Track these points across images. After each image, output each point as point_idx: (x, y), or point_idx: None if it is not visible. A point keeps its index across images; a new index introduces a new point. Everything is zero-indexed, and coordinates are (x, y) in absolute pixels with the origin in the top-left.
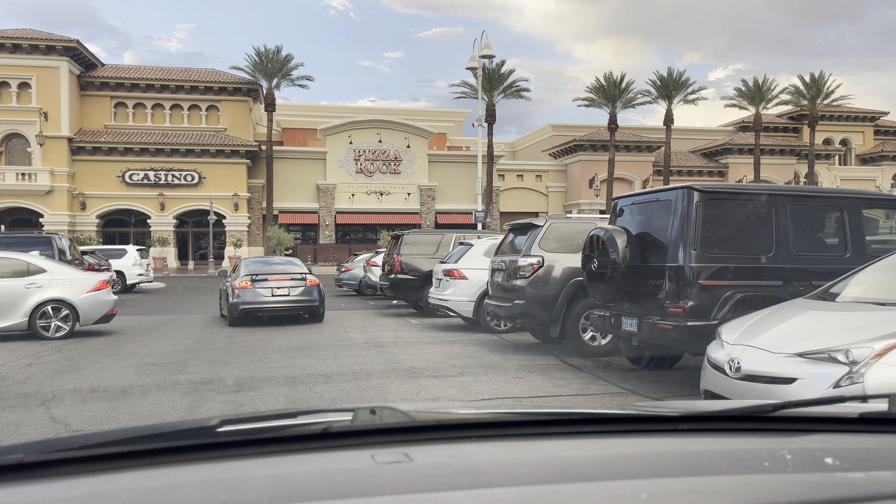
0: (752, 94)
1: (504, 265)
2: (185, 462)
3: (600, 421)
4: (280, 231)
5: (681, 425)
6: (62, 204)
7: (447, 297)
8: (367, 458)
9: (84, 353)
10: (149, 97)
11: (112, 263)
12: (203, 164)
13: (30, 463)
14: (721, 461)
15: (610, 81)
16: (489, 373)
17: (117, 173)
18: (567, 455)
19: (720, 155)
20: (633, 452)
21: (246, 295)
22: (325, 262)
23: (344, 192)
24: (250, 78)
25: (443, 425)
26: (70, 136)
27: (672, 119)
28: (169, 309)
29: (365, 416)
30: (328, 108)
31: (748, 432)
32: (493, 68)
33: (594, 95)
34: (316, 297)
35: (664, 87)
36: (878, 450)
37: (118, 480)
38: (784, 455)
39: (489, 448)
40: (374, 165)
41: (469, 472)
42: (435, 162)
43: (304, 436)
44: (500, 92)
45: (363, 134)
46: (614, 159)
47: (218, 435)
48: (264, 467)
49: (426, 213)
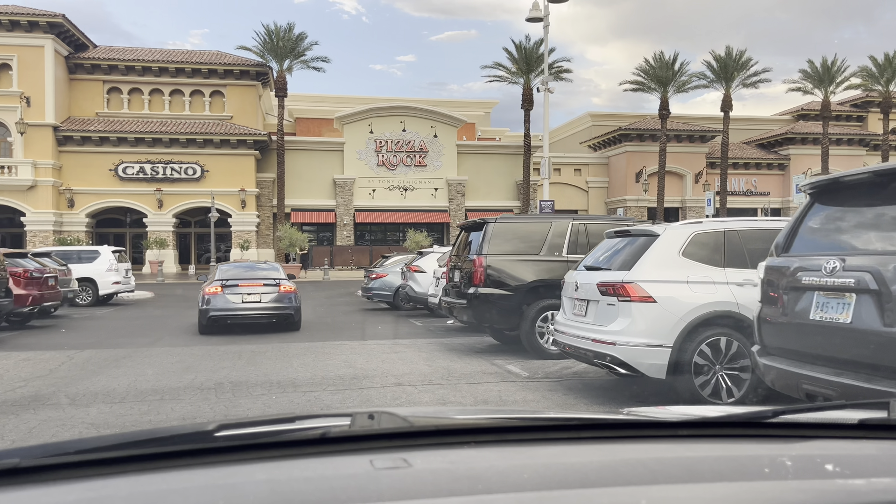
0: (820, 77)
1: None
2: (181, 467)
3: (599, 426)
4: (292, 230)
5: (680, 431)
6: (46, 201)
7: (611, 335)
8: (365, 464)
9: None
10: (146, 81)
11: (79, 269)
12: (206, 156)
13: (26, 468)
14: (721, 467)
15: (662, 62)
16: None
17: (109, 166)
18: (566, 461)
19: (780, 146)
20: (632, 458)
21: (215, 301)
22: (342, 265)
23: (364, 187)
24: (259, 59)
25: (441, 431)
26: (56, 123)
27: (730, 105)
28: (137, 332)
29: (363, 422)
30: (344, 99)
31: (748, 438)
32: (531, 47)
33: (643, 78)
34: (290, 305)
35: (722, 68)
36: (878, 456)
37: (115, 485)
38: (784, 461)
39: (488, 454)
40: (397, 157)
41: (468, 478)
42: (465, 153)
43: (301, 441)
44: (538, 73)
45: (385, 122)
46: (666, 150)
47: (215, 440)
48: (262, 472)
49: (455, 211)
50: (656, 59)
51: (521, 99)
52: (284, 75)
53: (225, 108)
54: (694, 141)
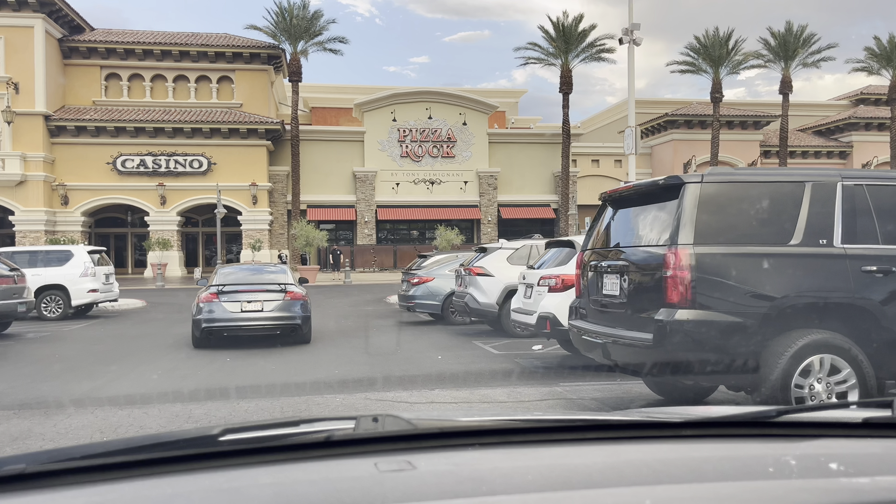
0: (888, 56)
1: None
2: (186, 471)
3: (603, 427)
4: (309, 228)
5: (684, 431)
6: (37, 198)
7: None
8: (369, 467)
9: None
10: (147, 66)
11: (45, 274)
12: (213, 147)
13: (32, 473)
14: (725, 467)
15: (715, 40)
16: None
17: (107, 159)
18: (570, 462)
19: (840, 132)
20: (636, 459)
21: (210, 310)
22: (363, 267)
23: (386, 180)
24: (271, 41)
25: (445, 433)
26: (48, 112)
27: (790, 86)
28: (88, 364)
29: (367, 425)
30: (362, 89)
31: (752, 438)
32: (570, 24)
33: (692, 57)
34: (297, 314)
35: (782, 45)
36: (882, 455)
37: (120, 490)
38: (788, 461)
39: (492, 455)
40: (422, 148)
41: (472, 480)
42: (497, 142)
43: (306, 444)
44: (577, 53)
45: (409, 109)
46: (718, 137)
47: (220, 444)
48: (266, 476)
49: (486, 206)
50: (708, 36)
51: (560, 82)
52: (299, 58)
53: (234, 95)
54: (746, 127)
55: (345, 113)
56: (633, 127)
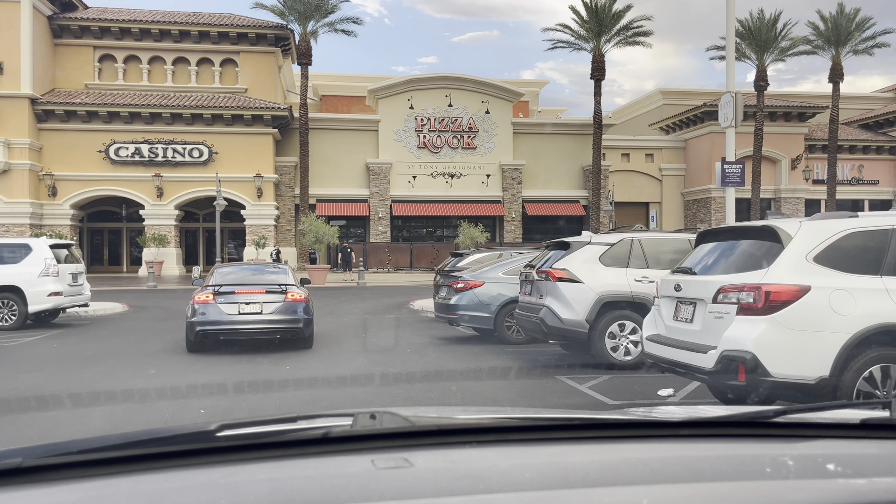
0: None
1: None
2: (183, 466)
3: (601, 426)
4: (318, 223)
5: (682, 431)
6: (22, 188)
7: None
8: (366, 464)
9: None
10: (145, 47)
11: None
12: (215, 135)
13: (29, 467)
14: (723, 467)
15: (761, 23)
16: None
17: (99, 147)
18: (568, 460)
19: (890, 126)
20: (634, 458)
21: (205, 312)
22: (377, 266)
23: (402, 173)
24: (278, 21)
25: (443, 430)
26: (34, 95)
27: (841, 73)
28: (19, 401)
29: (365, 421)
30: (375, 78)
31: (750, 438)
32: (604, 4)
33: (736, 42)
34: (299, 317)
35: (833, 29)
36: (880, 456)
37: (117, 485)
38: (786, 461)
39: (490, 453)
40: (441, 138)
41: (469, 478)
42: (521, 133)
43: (303, 440)
44: (612, 37)
45: (427, 96)
46: (762, 130)
47: (217, 439)
48: (263, 472)
49: (510, 202)
50: (753, 18)
51: (591, 67)
52: (308, 39)
53: (238, 79)
54: (790, 120)
55: (357, 102)
56: (733, 93)
